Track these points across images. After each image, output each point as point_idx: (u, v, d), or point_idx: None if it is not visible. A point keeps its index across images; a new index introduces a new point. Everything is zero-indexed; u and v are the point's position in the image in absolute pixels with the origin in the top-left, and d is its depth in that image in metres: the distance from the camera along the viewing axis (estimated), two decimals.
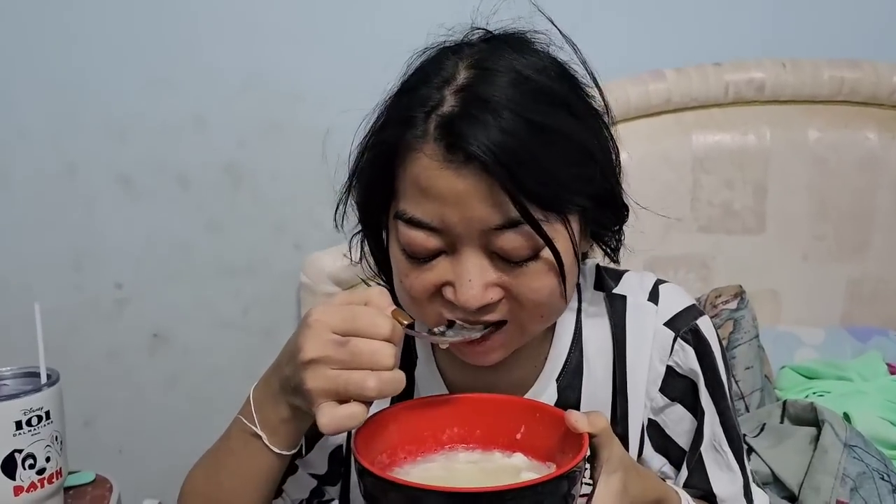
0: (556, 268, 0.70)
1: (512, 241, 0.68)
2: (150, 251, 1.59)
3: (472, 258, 0.69)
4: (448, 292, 0.70)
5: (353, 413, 0.62)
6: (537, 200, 0.67)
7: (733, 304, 1.35)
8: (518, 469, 0.68)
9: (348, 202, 0.79)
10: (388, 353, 0.63)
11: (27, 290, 1.54)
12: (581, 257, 0.81)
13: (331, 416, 0.62)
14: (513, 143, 0.65)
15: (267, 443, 0.71)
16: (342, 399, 0.63)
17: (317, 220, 1.57)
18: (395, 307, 0.66)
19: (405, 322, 0.65)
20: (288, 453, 0.73)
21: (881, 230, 1.57)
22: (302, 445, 0.77)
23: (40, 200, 1.54)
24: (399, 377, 0.63)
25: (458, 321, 0.71)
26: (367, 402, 0.63)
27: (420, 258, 0.71)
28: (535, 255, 0.69)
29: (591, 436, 0.64)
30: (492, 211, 0.67)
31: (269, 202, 1.59)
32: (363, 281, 0.89)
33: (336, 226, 0.81)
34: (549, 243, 0.68)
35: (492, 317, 0.71)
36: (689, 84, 1.53)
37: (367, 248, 0.82)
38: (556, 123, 0.68)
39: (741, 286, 1.39)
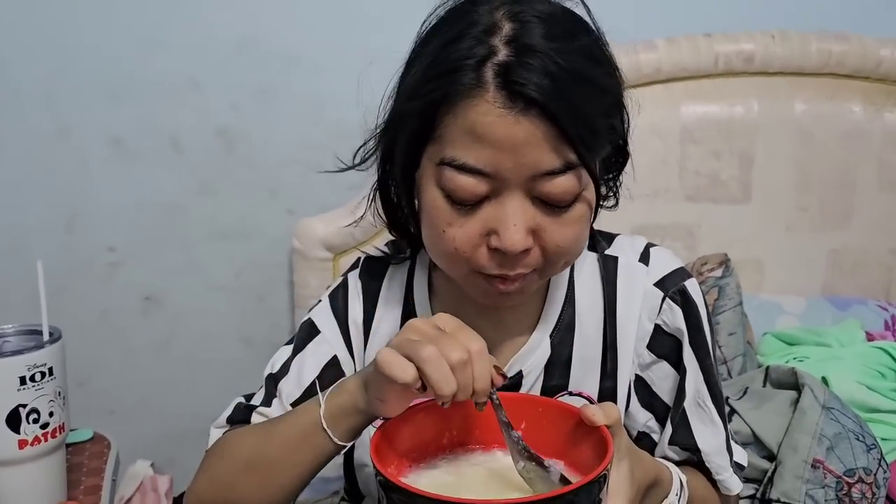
0: (588, 213, 0.73)
1: (560, 185, 0.70)
2: (142, 214, 1.59)
3: (517, 202, 0.71)
4: (493, 240, 0.72)
5: (405, 368, 0.63)
6: (584, 146, 0.69)
7: (718, 272, 1.37)
8: None
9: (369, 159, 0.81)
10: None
11: (19, 251, 1.54)
12: None
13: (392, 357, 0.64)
14: (564, 91, 0.67)
15: (325, 427, 0.72)
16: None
17: (310, 185, 1.58)
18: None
19: (501, 370, 0.66)
20: (345, 444, 0.73)
21: (863, 202, 1.59)
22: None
23: (33, 161, 1.53)
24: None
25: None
26: (422, 386, 0.63)
27: (466, 204, 0.71)
28: (574, 201, 0.72)
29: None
30: (544, 156, 0.69)
31: (262, 167, 1.59)
32: (360, 246, 0.89)
33: (353, 162, 0.82)
34: (597, 185, 0.72)
35: (524, 270, 0.73)
36: (680, 54, 1.54)
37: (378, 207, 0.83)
38: (593, 74, 0.71)
39: (726, 255, 1.41)
